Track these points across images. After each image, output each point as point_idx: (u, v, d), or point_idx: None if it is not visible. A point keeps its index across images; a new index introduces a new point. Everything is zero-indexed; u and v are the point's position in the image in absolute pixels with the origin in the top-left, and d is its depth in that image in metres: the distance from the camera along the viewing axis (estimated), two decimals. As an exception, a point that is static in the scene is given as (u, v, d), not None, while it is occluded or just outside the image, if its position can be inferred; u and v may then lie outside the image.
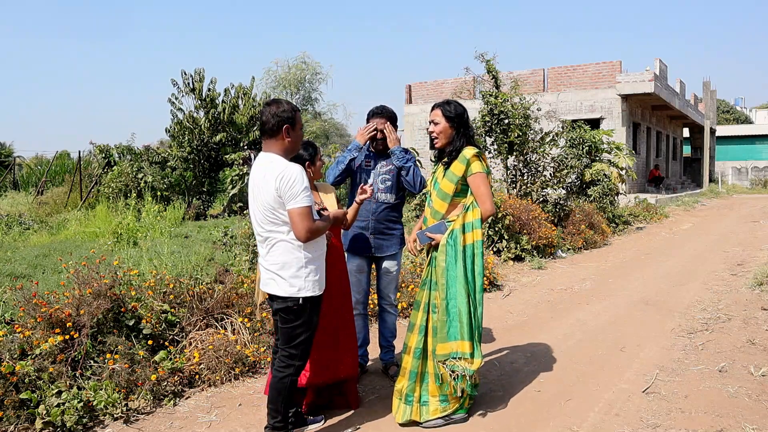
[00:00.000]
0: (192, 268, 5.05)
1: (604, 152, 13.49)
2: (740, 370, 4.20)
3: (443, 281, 3.31)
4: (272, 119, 2.88)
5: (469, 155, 3.36)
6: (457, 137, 3.43)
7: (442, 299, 3.29)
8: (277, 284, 2.94)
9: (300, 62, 33.41)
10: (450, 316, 3.27)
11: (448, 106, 3.46)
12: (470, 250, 3.33)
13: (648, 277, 7.87)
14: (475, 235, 3.34)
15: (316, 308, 3.04)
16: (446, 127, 3.44)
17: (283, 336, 3.03)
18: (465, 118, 3.45)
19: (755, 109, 55.11)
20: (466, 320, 3.24)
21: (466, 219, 3.36)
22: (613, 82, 20.74)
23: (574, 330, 5.34)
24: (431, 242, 3.41)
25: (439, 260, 3.34)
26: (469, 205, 3.39)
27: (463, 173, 3.37)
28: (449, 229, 3.36)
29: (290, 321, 2.97)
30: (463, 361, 3.24)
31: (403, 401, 3.37)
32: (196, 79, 15.13)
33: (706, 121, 31.23)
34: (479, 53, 10.95)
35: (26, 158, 26.43)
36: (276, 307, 3.00)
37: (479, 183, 3.36)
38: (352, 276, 4.11)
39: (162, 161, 14.82)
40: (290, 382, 3.01)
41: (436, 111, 3.46)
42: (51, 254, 7.69)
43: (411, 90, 25.28)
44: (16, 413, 3.28)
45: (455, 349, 3.25)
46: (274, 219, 2.89)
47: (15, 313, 4.13)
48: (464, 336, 3.24)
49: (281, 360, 3.03)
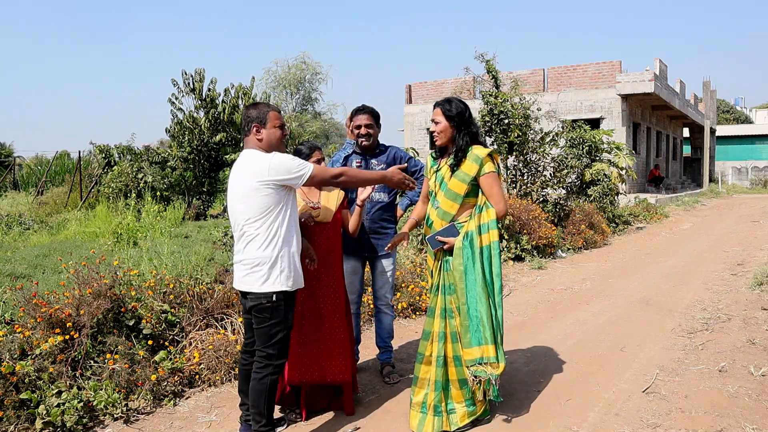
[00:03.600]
0: (192, 268, 5.05)
1: (604, 152, 13.48)
2: (740, 370, 4.20)
3: (462, 285, 3.22)
4: (244, 120, 3.08)
5: (482, 155, 3.29)
6: (459, 136, 3.36)
7: (462, 303, 3.21)
8: (251, 281, 2.95)
9: (300, 62, 33.42)
10: (471, 320, 3.19)
11: (449, 104, 3.40)
12: (487, 252, 3.26)
13: (648, 276, 7.87)
14: (491, 235, 3.27)
15: (291, 305, 3.04)
16: (446, 126, 3.38)
17: (259, 337, 3.01)
18: (466, 117, 3.38)
19: (755, 109, 55.10)
20: (488, 324, 3.17)
21: (481, 220, 3.29)
22: (613, 82, 20.74)
23: (574, 330, 5.34)
24: (443, 246, 3.31)
25: (455, 264, 3.25)
26: (483, 206, 3.33)
27: (476, 173, 3.29)
28: (463, 230, 3.28)
29: (265, 320, 2.96)
30: (488, 366, 3.16)
31: (431, 413, 3.26)
32: (197, 79, 15.12)
33: (706, 121, 31.22)
34: (479, 53, 10.97)
35: (26, 158, 26.45)
36: (249, 305, 3.00)
37: (492, 183, 3.31)
38: (347, 277, 4.11)
39: (162, 161, 14.82)
40: (270, 382, 3.00)
41: (437, 110, 3.41)
42: (51, 254, 7.69)
43: (411, 90, 25.28)
44: (16, 413, 3.28)
45: (481, 354, 3.17)
46: (262, 205, 2.91)
47: (15, 313, 4.13)
48: (488, 340, 3.17)
49: (259, 361, 3.01)
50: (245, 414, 3.22)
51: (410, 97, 25.29)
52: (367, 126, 3.90)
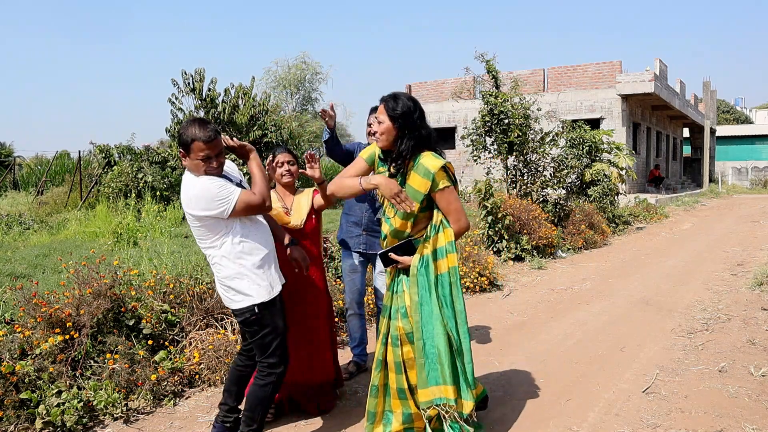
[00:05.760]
0: (192, 268, 5.04)
1: (604, 152, 13.50)
2: (740, 370, 4.20)
3: (417, 317, 2.86)
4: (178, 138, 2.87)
5: (434, 169, 2.83)
6: (402, 140, 2.86)
7: (418, 339, 2.85)
8: (231, 298, 2.91)
9: (300, 62, 33.48)
10: (428, 357, 2.84)
11: (394, 101, 2.87)
12: (446, 279, 2.89)
13: (648, 277, 7.87)
14: (449, 260, 2.89)
15: (277, 311, 2.97)
16: (389, 126, 2.87)
17: (256, 349, 2.98)
18: (414, 118, 2.86)
19: (755, 109, 55.13)
20: (447, 361, 2.83)
21: (437, 243, 2.89)
22: (613, 82, 20.75)
23: (574, 330, 5.34)
24: (397, 265, 2.97)
25: (411, 293, 2.89)
26: (439, 226, 2.90)
27: (428, 190, 2.85)
28: (418, 254, 2.90)
29: (256, 332, 2.93)
30: (448, 407, 2.83)
31: None
32: (197, 79, 15.12)
33: (706, 121, 31.23)
34: (479, 53, 10.96)
35: (26, 158, 26.40)
36: (239, 320, 2.97)
37: (450, 199, 2.88)
38: (346, 276, 4.12)
39: (162, 161, 14.81)
40: (272, 390, 2.98)
41: (381, 106, 2.90)
42: (51, 254, 7.69)
43: (411, 90, 25.27)
44: (16, 413, 3.28)
45: (437, 395, 2.83)
46: (201, 235, 2.87)
47: (15, 313, 4.13)
48: (446, 380, 2.82)
49: (262, 370, 2.98)
50: (223, 414, 3.17)
51: (410, 97, 25.27)
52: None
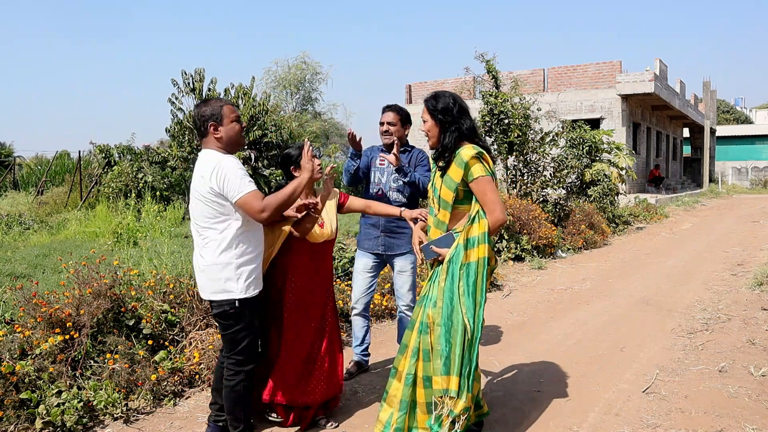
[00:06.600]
0: (192, 268, 5.04)
1: (604, 152, 13.50)
2: (740, 370, 4.20)
3: (441, 303, 2.89)
4: (198, 120, 2.94)
5: (467, 157, 2.89)
6: (445, 135, 3.01)
7: (438, 324, 2.87)
8: (212, 288, 2.87)
9: (300, 62, 33.42)
10: (443, 345, 2.86)
11: (434, 100, 3.07)
12: (473, 269, 2.88)
13: (648, 277, 7.87)
14: (479, 251, 2.88)
15: (255, 311, 2.96)
16: (432, 124, 3.06)
17: (226, 344, 2.96)
18: (454, 112, 2.99)
19: (755, 109, 55.12)
20: (459, 351, 2.83)
21: (470, 233, 2.91)
22: (613, 82, 20.75)
23: (574, 330, 5.34)
24: (437, 257, 3.00)
25: (440, 279, 2.92)
26: (475, 216, 2.93)
27: (462, 178, 2.91)
28: (455, 243, 2.93)
29: (230, 326, 2.90)
30: (447, 399, 2.82)
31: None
32: (197, 79, 15.11)
33: (706, 121, 31.23)
34: (479, 53, 10.97)
35: (26, 158, 26.37)
36: (214, 312, 2.92)
37: (485, 189, 2.89)
38: (357, 274, 4.11)
39: (162, 161, 14.80)
40: (243, 388, 2.95)
41: (424, 107, 3.12)
42: (51, 254, 7.69)
43: (411, 90, 25.28)
44: (16, 413, 3.28)
45: (446, 386, 2.83)
46: (208, 215, 2.84)
47: (15, 313, 4.13)
48: (453, 370, 2.82)
49: (230, 368, 2.95)
50: (215, 414, 3.17)
51: (410, 97, 25.27)
52: (389, 123, 3.99)
